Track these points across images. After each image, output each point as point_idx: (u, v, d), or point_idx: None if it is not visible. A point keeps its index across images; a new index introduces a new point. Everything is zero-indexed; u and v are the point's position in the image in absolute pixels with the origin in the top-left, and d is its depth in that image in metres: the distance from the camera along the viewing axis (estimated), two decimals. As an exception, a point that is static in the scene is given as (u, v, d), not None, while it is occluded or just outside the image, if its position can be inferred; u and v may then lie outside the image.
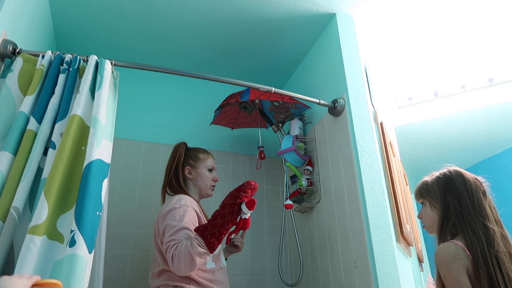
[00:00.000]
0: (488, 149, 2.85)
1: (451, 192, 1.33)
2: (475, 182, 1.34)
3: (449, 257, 1.19)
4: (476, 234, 1.22)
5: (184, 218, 1.56)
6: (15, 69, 1.49)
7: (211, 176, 1.85)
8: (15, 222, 1.21)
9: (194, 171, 1.84)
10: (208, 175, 1.84)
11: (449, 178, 1.36)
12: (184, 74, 1.89)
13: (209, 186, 1.84)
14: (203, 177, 1.83)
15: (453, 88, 2.65)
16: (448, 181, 1.35)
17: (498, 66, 2.54)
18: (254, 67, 2.64)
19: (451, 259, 1.19)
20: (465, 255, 1.19)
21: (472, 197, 1.30)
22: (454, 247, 1.21)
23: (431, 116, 2.73)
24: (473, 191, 1.31)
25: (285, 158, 2.23)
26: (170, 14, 2.18)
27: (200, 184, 1.82)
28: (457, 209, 1.29)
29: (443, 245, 1.24)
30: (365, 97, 2.00)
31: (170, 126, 2.48)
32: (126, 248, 2.09)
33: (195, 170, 1.84)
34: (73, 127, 1.38)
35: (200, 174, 1.83)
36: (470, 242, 1.20)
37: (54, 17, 2.16)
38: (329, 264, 1.92)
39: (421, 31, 2.40)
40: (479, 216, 1.26)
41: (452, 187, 1.33)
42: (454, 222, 1.28)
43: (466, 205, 1.29)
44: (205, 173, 1.84)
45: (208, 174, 1.85)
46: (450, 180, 1.35)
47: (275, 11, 2.18)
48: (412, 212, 2.29)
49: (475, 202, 1.29)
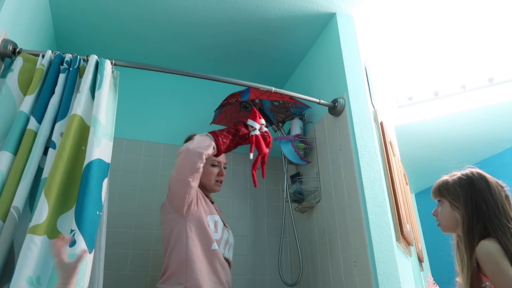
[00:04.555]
0: (488, 148, 2.85)
1: (477, 194, 1.33)
2: (497, 186, 1.35)
3: (497, 253, 1.20)
4: (508, 238, 1.23)
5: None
6: (15, 69, 1.49)
7: (215, 171, 1.81)
8: (15, 221, 1.21)
9: None
10: (211, 170, 1.79)
11: (472, 180, 1.36)
12: (184, 73, 1.89)
13: (213, 182, 1.80)
14: (206, 172, 1.77)
15: (453, 88, 2.65)
16: (471, 182, 1.36)
17: (498, 66, 2.53)
18: (254, 66, 2.64)
19: (500, 256, 1.19)
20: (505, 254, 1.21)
21: (497, 201, 1.31)
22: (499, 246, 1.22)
23: (431, 116, 2.73)
24: (497, 195, 1.32)
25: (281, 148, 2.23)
26: (170, 14, 2.17)
27: (204, 179, 1.77)
28: (485, 212, 1.29)
29: (488, 242, 1.23)
30: (365, 97, 2.00)
31: (170, 126, 2.48)
32: (126, 248, 2.09)
33: None
34: (73, 126, 1.38)
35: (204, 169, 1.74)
36: (505, 244, 1.22)
37: (54, 17, 2.16)
38: (329, 263, 1.92)
39: (421, 31, 2.40)
40: (504, 220, 1.27)
41: (477, 189, 1.34)
42: (484, 223, 1.28)
43: (492, 208, 1.30)
44: (207, 168, 1.78)
45: (212, 169, 1.80)
46: (473, 182, 1.35)
47: (275, 11, 2.18)
48: (412, 212, 2.29)
49: (499, 206, 1.30)
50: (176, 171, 1.57)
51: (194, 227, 1.63)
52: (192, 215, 1.64)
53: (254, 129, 1.58)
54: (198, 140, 1.56)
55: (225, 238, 1.73)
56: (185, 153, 1.54)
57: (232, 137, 1.60)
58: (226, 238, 1.74)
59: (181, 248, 1.59)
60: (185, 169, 1.54)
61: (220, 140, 1.57)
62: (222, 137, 1.58)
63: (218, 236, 1.69)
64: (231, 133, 1.60)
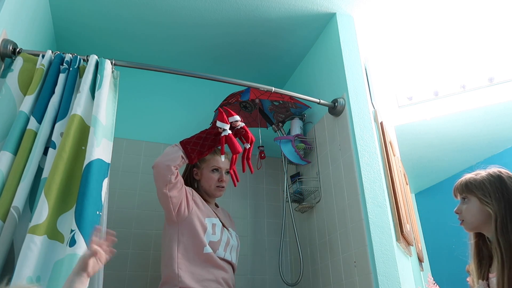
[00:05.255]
0: (488, 148, 2.85)
1: (508, 191, 1.34)
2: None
3: None
4: None
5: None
6: (15, 69, 1.49)
7: (215, 177, 1.81)
8: (15, 221, 1.21)
9: (199, 172, 1.84)
10: (211, 176, 1.81)
11: (503, 178, 1.36)
12: (184, 73, 1.89)
13: (214, 188, 1.81)
14: (206, 178, 1.81)
15: (453, 88, 2.64)
16: (502, 180, 1.36)
17: (498, 66, 2.53)
18: (254, 66, 2.63)
19: None
20: None
21: None
22: None
23: (431, 116, 2.73)
24: None
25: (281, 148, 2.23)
26: (170, 14, 2.17)
27: (204, 185, 1.81)
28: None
29: None
30: (365, 97, 2.00)
31: (170, 126, 2.48)
32: (126, 248, 2.09)
33: (200, 171, 1.83)
34: (73, 126, 1.38)
35: (204, 175, 1.82)
36: None
37: (54, 17, 2.16)
38: (329, 263, 1.92)
39: (421, 31, 2.40)
40: None
41: (508, 187, 1.34)
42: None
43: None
44: (208, 174, 1.81)
45: (212, 175, 1.81)
46: (504, 179, 1.36)
47: (275, 11, 2.18)
48: (412, 212, 2.29)
49: None
50: (156, 185, 1.61)
51: (187, 232, 1.65)
52: (183, 220, 1.65)
53: (224, 130, 1.58)
54: (166, 153, 1.61)
55: (224, 240, 1.72)
56: (155, 168, 1.60)
57: (202, 141, 1.62)
58: (226, 239, 1.73)
59: (173, 254, 1.61)
60: (159, 182, 1.58)
61: (188, 148, 1.60)
62: (190, 145, 1.61)
63: (216, 238, 1.69)
64: (201, 138, 1.63)
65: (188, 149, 1.60)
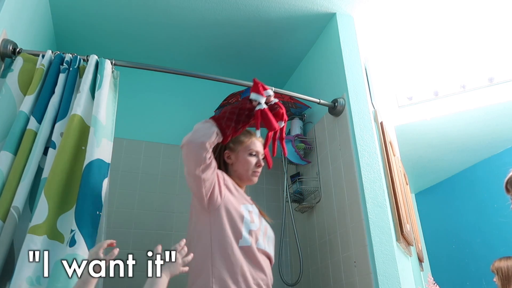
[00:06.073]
0: (488, 149, 2.85)
1: None
2: None
3: None
4: None
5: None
6: (15, 69, 1.49)
7: (253, 161, 1.60)
8: (15, 221, 1.21)
9: (233, 155, 1.62)
10: (249, 160, 1.60)
11: None
12: (184, 73, 1.89)
13: (251, 173, 1.60)
14: (243, 162, 1.59)
15: (453, 88, 2.64)
16: None
17: (498, 66, 2.53)
18: (254, 66, 2.63)
19: None
20: None
21: None
22: None
23: (431, 116, 2.73)
24: None
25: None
26: (170, 14, 2.17)
27: (240, 170, 1.60)
28: None
29: None
30: (365, 97, 2.00)
31: (170, 126, 2.48)
32: (126, 248, 2.08)
33: (235, 154, 1.61)
34: (73, 126, 1.38)
35: (240, 158, 1.60)
36: None
37: (54, 17, 2.16)
38: (329, 263, 1.92)
39: (421, 31, 2.40)
40: None
41: None
42: None
43: None
44: (245, 157, 1.60)
45: (250, 159, 1.60)
46: None
47: (275, 11, 2.18)
48: (412, 212, 2.29)
49: None
50: (185, 166, 1.42)
51: (220, 222, 1.43)
52: (215, 209, 1.44)
53: (259, 104, 1.41)
54: (198, 129, 1.40)
55: (263, 229, 1.52)
56: (187, 146, 1.38)
57: (236, 117, 1.42)
58: (264, 229, 1.53)
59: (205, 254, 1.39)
60: (190, 163, 1.38)
61: (222, 123, 1.40)
62: (224, 120, 1.41)
63: (256, 226, 1.48)
64: (234, 113, 1.43)
65: (222, 124, 1.40)
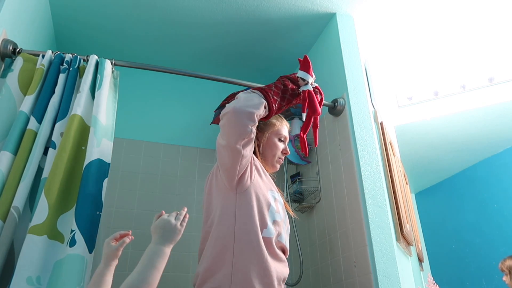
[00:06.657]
0: (488, 149, 2.85)
1: None
2: None
3: None
4: None
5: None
6: (15, 69, 1.49)
7: (281, 147, 1.50)
8: (15, 221, 1.21)
9: (261, 136, 1.48)
10: (278, 144, 1.49)
11: None
12: (184, 74, 1.88)
13: (276, 158, 1.49)
14: (272, 146, 1.47)
15: (453, 88, 2.65)
16: None
17: (498, 66, 2.53)
18: (254, 66, 2.64)
19: None
20: None
21: None
22: None
23: (431, 116, 2.73)
24: None
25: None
26: (170, 14, 2.17)
27: (266, 153, 1.48)
28: None
29: None
30: (365, 97, 2.00)
31: (170, 126, 2.48)
32: (126, 248, 2.07)
33: (263, 135, 1.48)
34: (73, 126, 1.39)
35: (269, 141, 1.48)
36: None
37: (54, 17, 2.16)
38: (329, 263, 1.92)
39: (421, 31, 2.40)
40: None
41: None
42: None
43: None
44: (274, 141, 1.48)
45: (279, 143, 1.49)
46: None
47: (275, 11, 2.18)
48: (412, 212, 2.29)
49: None
50: (223, 137, 1.25)
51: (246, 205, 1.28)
52: (242, 192, 1.29)
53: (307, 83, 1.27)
54: (246, 98, 1.24)
55: (286, 222, 1.39)
56: (232, 114, 1.20)
57: (282, 93, 1.29)
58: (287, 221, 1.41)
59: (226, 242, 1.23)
60: (232, 133, 1.21)
61: (270, 97, 1.25)
62: (272, 94, 1.26)
63: (280, 217, 1.34)
64: (280, 89, 1.29)
65: (270, 98, 1.25)
